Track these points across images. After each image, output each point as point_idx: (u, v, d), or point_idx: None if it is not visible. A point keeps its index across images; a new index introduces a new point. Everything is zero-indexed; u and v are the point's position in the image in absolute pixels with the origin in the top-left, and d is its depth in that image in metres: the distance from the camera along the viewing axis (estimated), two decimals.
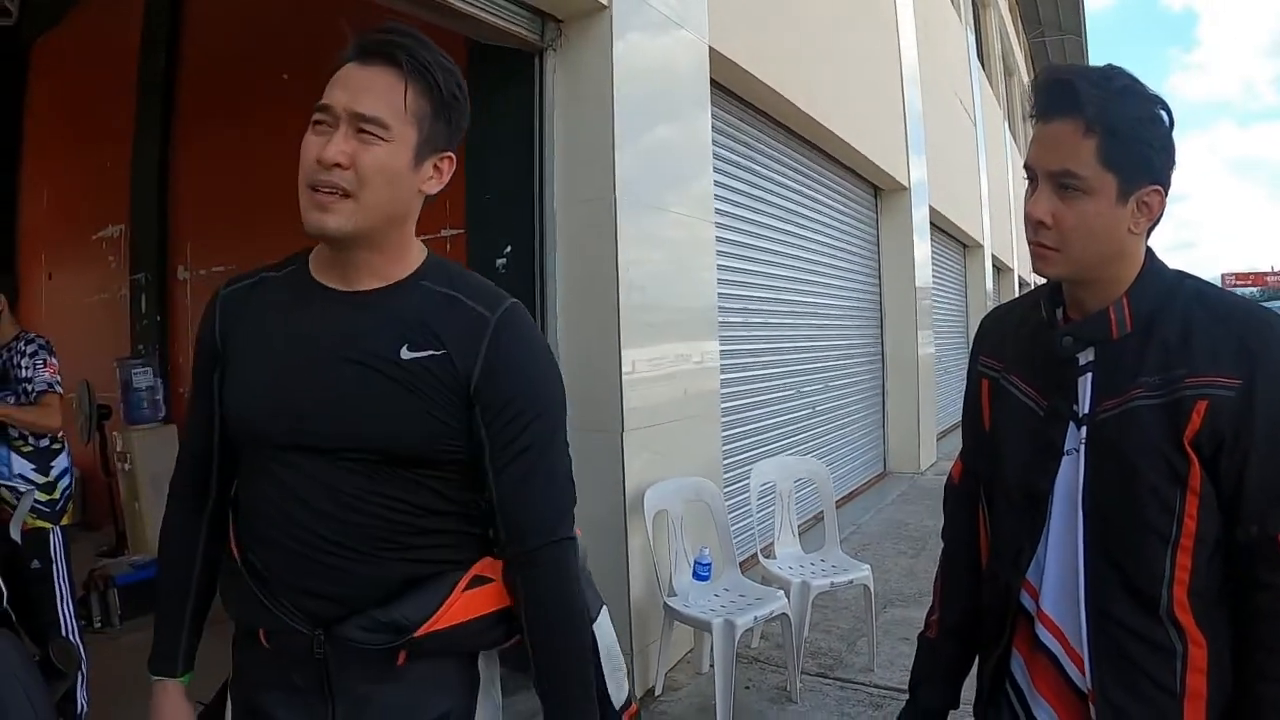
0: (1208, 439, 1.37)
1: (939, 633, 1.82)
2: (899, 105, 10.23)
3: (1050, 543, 1.53)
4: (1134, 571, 1.43)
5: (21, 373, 4.00)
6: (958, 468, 1.86)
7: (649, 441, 4.43)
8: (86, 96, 8.50)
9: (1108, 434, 1.44)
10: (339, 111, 1.37)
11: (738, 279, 6.52)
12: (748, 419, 6.65)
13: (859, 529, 7.70)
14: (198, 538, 1.59)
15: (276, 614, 1.44)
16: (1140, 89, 1.40)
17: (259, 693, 1.52)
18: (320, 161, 1.35)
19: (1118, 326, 1.46)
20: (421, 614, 1.43)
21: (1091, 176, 1.38)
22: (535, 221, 4.37)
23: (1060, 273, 1.48)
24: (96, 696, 3.79)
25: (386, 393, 1.41)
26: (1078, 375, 1.50)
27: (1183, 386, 1.38)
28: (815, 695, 4.29)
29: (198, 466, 1.59)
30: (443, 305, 1.47)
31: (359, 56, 1.40)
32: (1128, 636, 1.44)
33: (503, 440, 1.46)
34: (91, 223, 8.33)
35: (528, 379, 1.50)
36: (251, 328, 1.51)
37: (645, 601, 4.30)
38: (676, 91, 4.95)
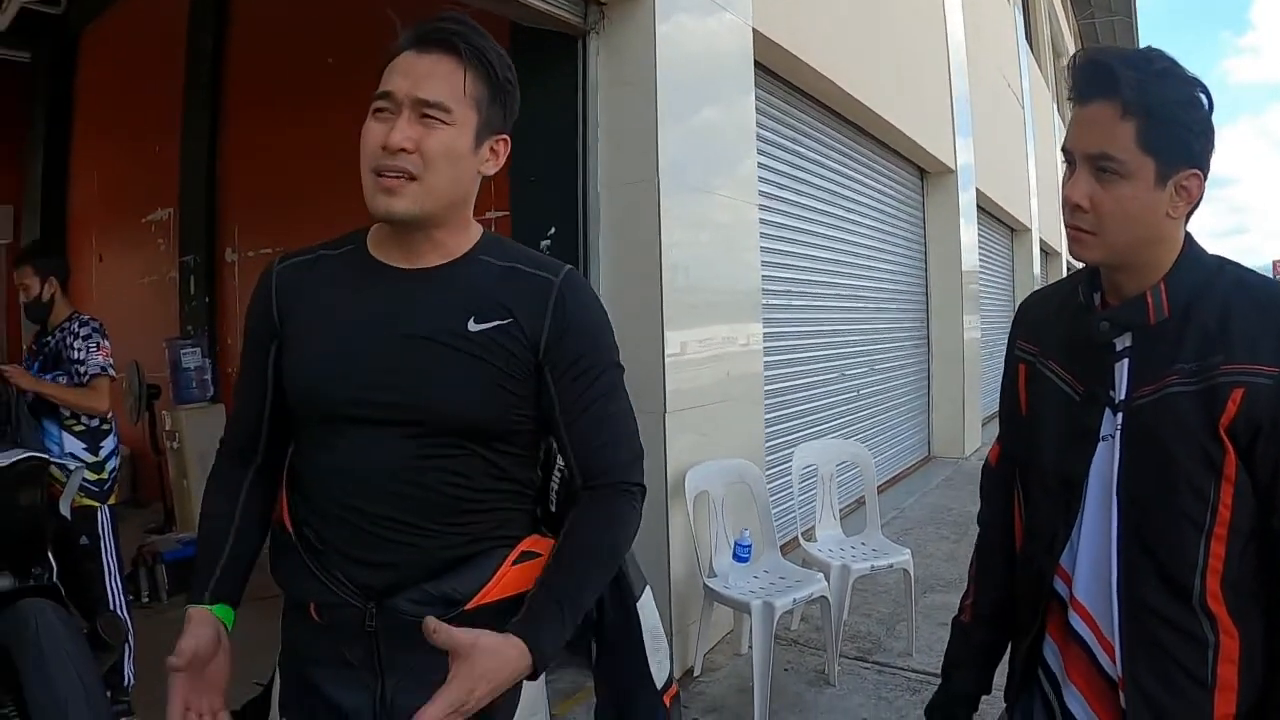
0: (1244, 427, 1.35)
1: (973, 617, 1.82)
2: (945, 87, 10.11)
3: (1084, 529, 1.52)
4: (1167, 559, 1.42)
5: (74, 354, 4.07)
6: (995, 451, 1.86)
7: (691, 423, 4.45)
8: (134, 83, 8.61)
9: (1143, 420, 1.43)
10: (401, 98, 1.40)
11: (782, 261, 6.51)
12: (791, 401, 6.65)
13: (902, 513, 7.66)
14: (240, 488, 1.60)
15: (329, 587, 1.46)
16: (1179, 71, 1.38)
17: (309, 666, 1.53)
18: (386, 147, 1.39)
19: (1155, 312, 1.43)
20: (471, 587, 1.45)
21: (1129, 160, 1.37)
22: (579, 204, 4.39)
23: (1097, 257, 1.46)
24: (143, 669, 3.87)
25: (457, 365, 1.44)
26: (1114, 361, 1.48)
27: (1219, 374, 1.36)
28: (853, 678, 4.29)
29: (246, 433, 1.62)
30: (505, 276, 1.51)
31: (417, 45, 1.43)
32: (1160, 625, 1.43)
33: (573, 394, 1.50)
34: (141, 206, 8.46)
35: (592, 337, 1.54)
36: (313, 304, 1.52)
37: (685, 582, 4.31)
38: (720, 74, 4.94)
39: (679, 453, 4.33)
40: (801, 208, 6.86)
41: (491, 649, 1.31)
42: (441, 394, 1.44)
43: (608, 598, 1.67)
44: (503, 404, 1.47)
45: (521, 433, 1.51)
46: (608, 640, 1.68)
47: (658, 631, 1.74)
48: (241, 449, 1.63)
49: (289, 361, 1.52)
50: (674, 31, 4.40)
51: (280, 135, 6.81)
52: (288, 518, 1.56)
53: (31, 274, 4.23)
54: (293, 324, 1.53)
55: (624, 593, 1.69)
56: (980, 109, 11.36)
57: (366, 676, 1.48)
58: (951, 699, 1.81)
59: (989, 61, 12.94)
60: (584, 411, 1.51)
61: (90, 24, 9.17)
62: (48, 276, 4.24)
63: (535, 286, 1.50)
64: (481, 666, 1.29)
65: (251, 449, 1.62)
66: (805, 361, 6.96)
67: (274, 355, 1.55)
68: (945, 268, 10.29)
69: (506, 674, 1.32)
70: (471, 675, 1.28)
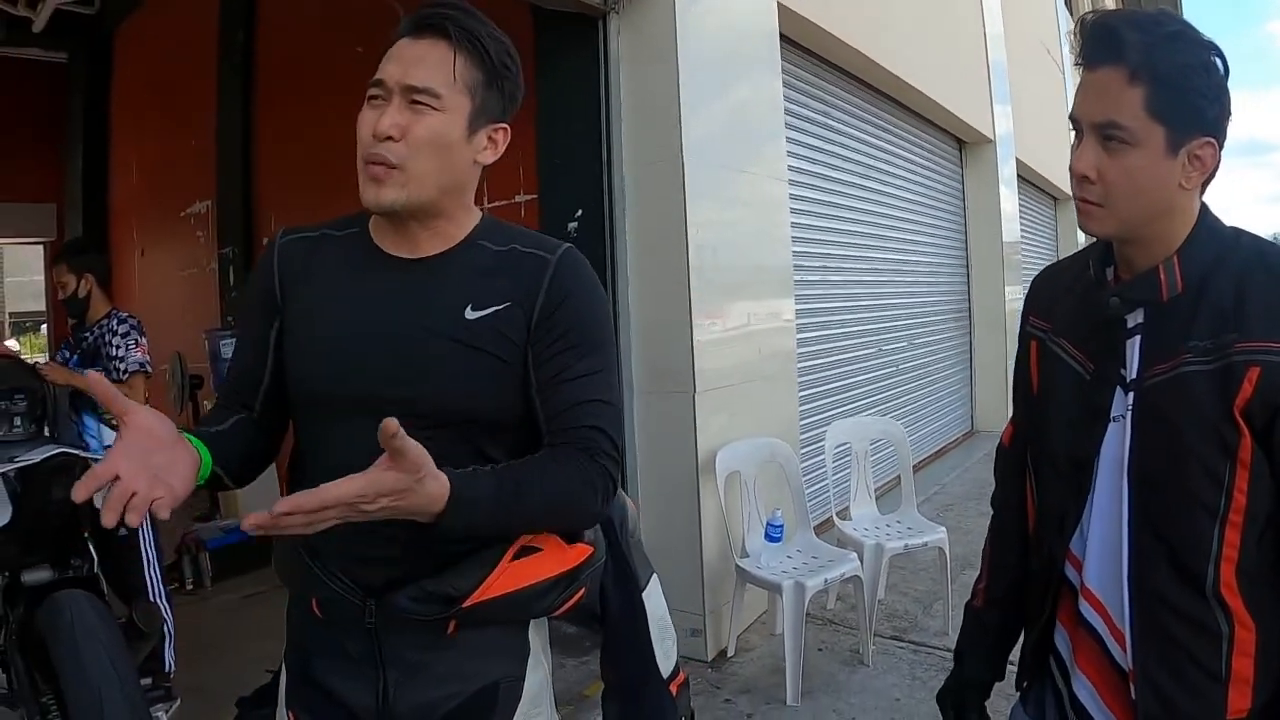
0: (1260, 409, 1.28)
1: (985, 602, 1.77)
2: (982, 56, 9.95)
3: (1094, 513, 1.46)
4: (1179, 546, 1.36)
5: (113, 351, 4.14)
6: (1009, 431, 1.80)
7: (722, 402, 4.43)
8: (170, 77, 8.69)
9: (1155, 401, 1.37)
10: (392, 85, 1.39)
11: (816, 237, 6.47)
12: (826, 378, 6.61)
13: (943, 489, 7.59)
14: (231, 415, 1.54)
15: (328, 583, 1.46)
16: (1191, 34, 1.32)
17: (313, 660, 1.54)
18: (375, 134, 1.38)
19: (1168, 287, 1.37)
20: (470, 583, 1.43)
21: (1137, 128, 1.30)
22: (604, 185, 4.39)
23: (1106, 230, 1.41)
24: (185, 655, 3.92)
25: (457, 356, 1.42)
26: (1126, 338, 1.42)
27: (1234, 352, 1.29)
28: (887, 658, 4.26)
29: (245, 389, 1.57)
30: (502, 259, 1.49)
31: (411, 31, 1.41)
32: (1171, 615, 1.37)
33: (555, 367, 1.45)
34: (180, 200, 8.54)
35: (583, 313, 1.49)
36: (317, 288, 1.50)
37: (718, 563, 4.30)
38: (744, 49, 4.89)
39: (710, 433, 4.31)
40: (835, 182, 6.80)
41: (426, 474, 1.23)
42: (442, 386, 1.42)
43: (610, 587, 1.66)
44: (501, 393, 1.45)
45: (519, 423, 1.49)
46: (613, 629, 1.67)
47: (665, 620, 1.75)
48: (238, 399, 1.58)
49: (292, 352, 1.51)
50: (695, 9, 4.37)
51: (313, 125, 6.82)
52: None
53: (67, 271, 4.33)
54: (295, 307, 1.52)
55: (628, 582, 1.68)
56: (1019, 78, 11.17)
57: (368, 670, 1.48)
58: (963, 685, 1.76)
59: (1027, 29, 12.71)
60: (564, 382, 1.46)
61: (124, 22, 9.26)
62: (83, 273, 4.33)
63: (532, 265, 1.48)
64: (406, 483, 1.21)
65: (248, 403, 1.56)
66: (841, 337, 6.91)
67: (276, 333, 1.53)
68: (986, 238, 10.14)
69: (414, 500, 1.23)
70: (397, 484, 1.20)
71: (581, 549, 1.56)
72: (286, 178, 7.36)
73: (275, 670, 1.69)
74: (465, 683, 1.50)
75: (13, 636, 3.06)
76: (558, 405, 1.45)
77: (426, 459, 1.21)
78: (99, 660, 2.84)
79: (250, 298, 1.59)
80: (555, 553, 1.51)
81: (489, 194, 5.03)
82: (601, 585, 1.64)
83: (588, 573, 1.57)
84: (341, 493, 1.18)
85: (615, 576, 1.66)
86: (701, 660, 4.24)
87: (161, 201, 8.86)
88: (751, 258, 4.80)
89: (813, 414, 6.10)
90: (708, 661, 4.24)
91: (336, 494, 1.17)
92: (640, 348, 4.36)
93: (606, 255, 4.36)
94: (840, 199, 6.89)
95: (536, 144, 4.66)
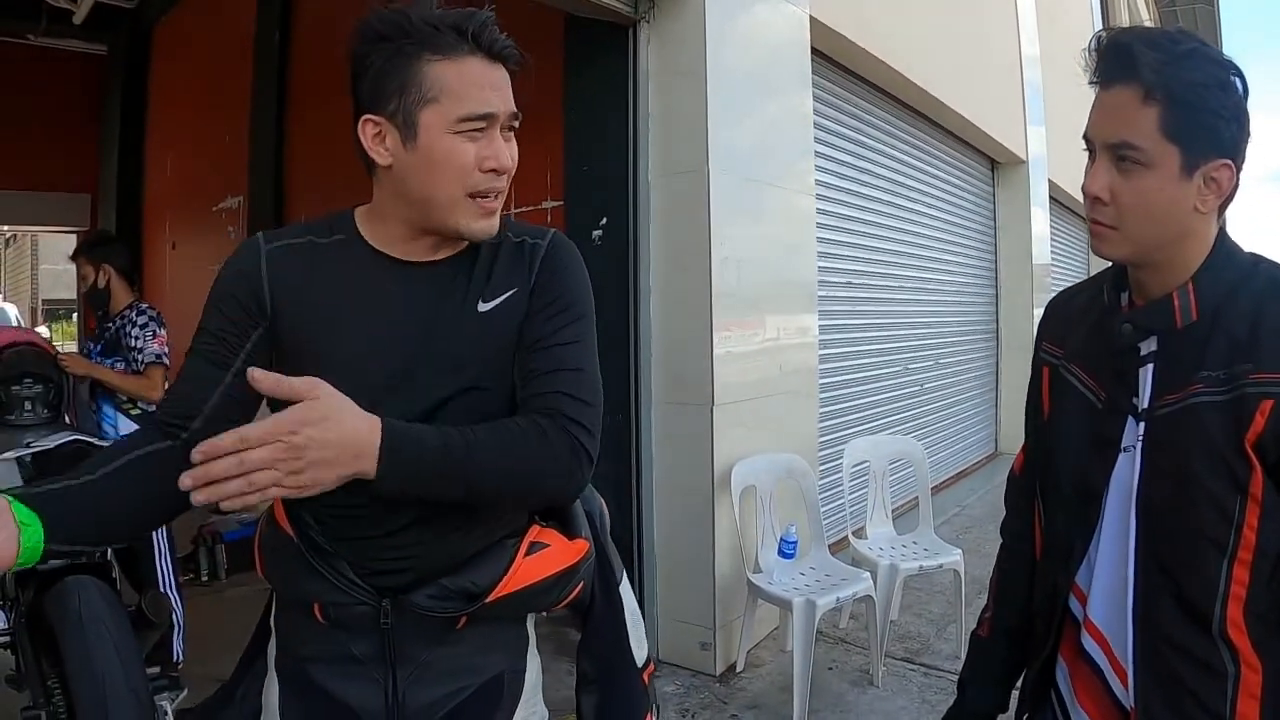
0: (1273, 443, 1.24)
1: (991, 632, 1.74)
2: (1017, 75, 9.89)
3: (1101, 545, 1.43)
4: (1186, 583, 1.32)
5: (132, 341, 4.19)
6: (1020, 460, 1.76)
7: (740, 416, 4.41)
8: (206, 74, 8.80)
9: (1165, 431, 1.33)
10: (500, 116, 1.39)
11: (843, 253, 6.43)
12: (849, 395, 6.56)
13: (964, 510, 7.52)
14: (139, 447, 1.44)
15: (339, 586, 1.44)
16: (1208, 52, 1.28)
17: (310, 666, 1.51)
18: (498, 170, 1.39)
19: (1181, 314, 1.33)
20: (490, 579, 1.44)
21: (1151, 148, 1.27)
22: (630, 194, 4.38)
23: (1119, 253, 1.37)
24: (199, 646, 3.95)
25: (476, 349, 1.43)
26: (1139, 366, 1.38)
27: (1247, 383, 1.25)
28: (898, 680, 4.22)
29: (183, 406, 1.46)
30: (499, 250, 1.50)
31: (486, 56, 1.39)
32: (1176, 653, 1.33)
33: (534, 335, 1.46)
34: (212, 195, 8.63)
35: (566, 286, 1.50)
36: (327, 299, 1.46)
37: (730, 577, 4.28)
38: (775, 62, 4.88)
39: (727, 446, 4.29)
40: (864, 198, 6.76)
41: (335, 403, 1.21)
42: (466, 381, 1.43)
43: (596, 583, 1.68)
44: None
45: None
46: (594, 622, 1.69)
47: (636, 614, 1.80)
48: (168, 423, 1.46)
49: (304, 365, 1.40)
50: (726, 20, 4.36)
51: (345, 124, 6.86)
52: (286, 520, 1.52)
53: (86, 263, 4.40)
54: (302, 318, 1.46)
55: (608, 576, 1.72)
56: (1054, 99, 11.09)
57: (376, 671, 1.47)
58: (965, 715, 1.73)
59: (1063, 50, 12.60)
60: (540, 349, 1.45)
61: (163, 17, 9.38)
62: (101, 265, 4.38)
63: (525, 250, 1.50)
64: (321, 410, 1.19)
65: (179, 426, 1.44)
66: (865, 355, 6.86)
67: (256, 341, 1.46)
68: (1016, 260, 10.05)
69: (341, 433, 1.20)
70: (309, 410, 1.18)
71: (581, 544, 1.58)
72: (317, 177, 7.42)
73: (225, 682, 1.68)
74: (473, 676, 1.51)
75: (22, 620, 3.09)
76: (531, 370, 1.44)
77: (320, 382, 1.20)
78: (104, 647, 2.86)
79: (220, 302, 1.48)
80: (561, 548, 1.54)
81: (515, 199, 5.04)
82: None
83: (585, 567, 1.59)
84: (258, 427, 1.15)
85: (598, 571, 1.69)
86: (710, 674, 4.22)
87: (194, 195, 8.96)
88: (776, 272, 4.78)
89: (834, 430, 6.07)
90: (716, 676, 4.21)
91: (254, 428, 1.15)
92: (660, 358, 4.36)
93: (630, 265, 4.36)
94: (869, 215, 6.85)
95: (564, 151, 4.68)
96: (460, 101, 1.35)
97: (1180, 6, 23.11)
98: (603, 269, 4.29)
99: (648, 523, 4.39)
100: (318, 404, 1.19)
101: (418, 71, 1.35)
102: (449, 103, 1.35)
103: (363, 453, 1.21)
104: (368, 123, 1.41)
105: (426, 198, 1.39)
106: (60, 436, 3.26)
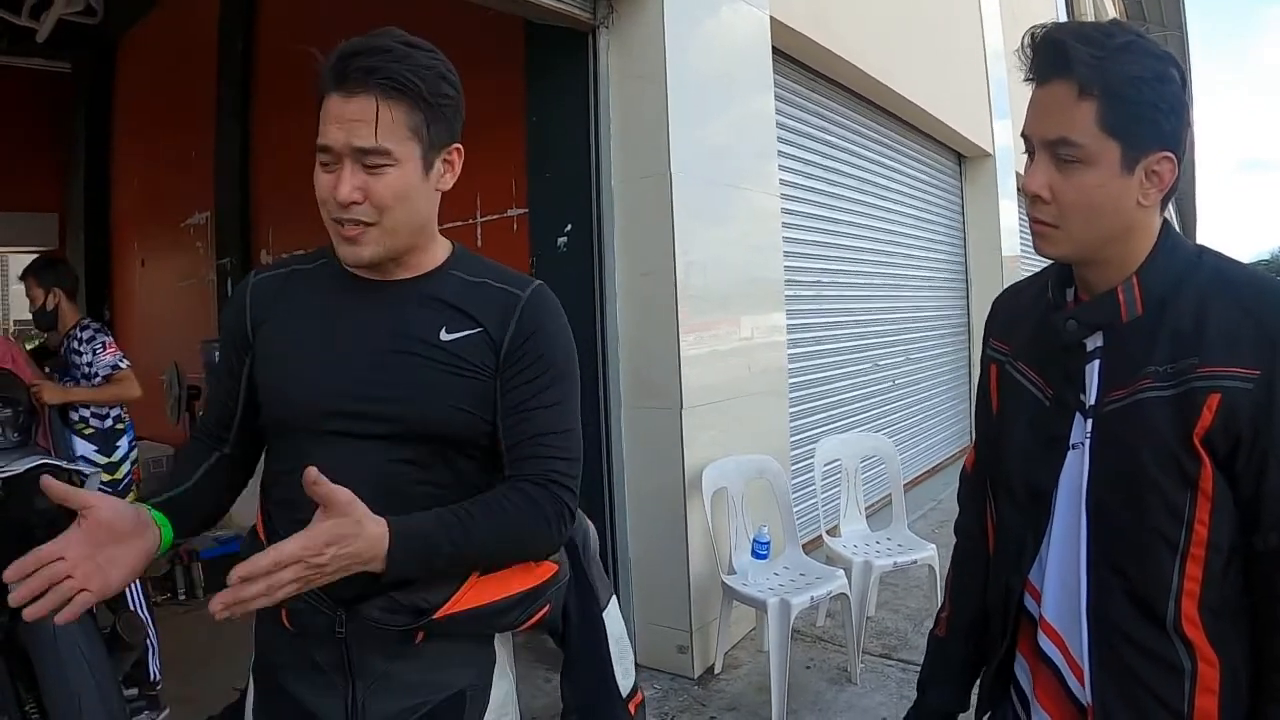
0: (1221, 436, 1.23)
1: (948, 631, 1.73)
2: (981, 69, 9.94)
3: (1053, 544, 1.42)
4: (1138, 580, 1.31)
5: (79, 359, 4.17)
6: (971, 458, 1.76)
7: (710, 419, 4.42)
8: (171, 89, 8.72)
9: (1113, 427, 1.32)
10: (339, 149, 1.39)
11: (811, 252, 6.45)
12: (821, 394, 6.58)
13: (938, 505, 7.54)
14: (201, 464, 1.62)
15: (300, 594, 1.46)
16: (1145, 45, 1.27)
17: (281, 672, 1.55)
18: (339, 201, 1.40)
19: (1127, 309, 1.33)
20: (440, 597, 1.45)
21: (1090, 144, 1.26)
22: (594, 199, 4.39)
23: (1062, 252, 1.37)
24: (177, 665, 3.95)
25: (433, 375, 1.46)
26: (1085, 362, 1.37)
27: (1194, 377, 1.24)
28: (876, 676, 4.23)
29: (219, 421, 1.65)
30: (475, 289, 1.53)
31: (338, 88, 1.39)
32: (1131, 650, 1.32)
33: (520, 396, 1.50)
34: (180, 211, 8.56)
35: (551, 345, 1.54)
36: (289, 318, 1.54)
37: (705, 579, 4.28)
38: (735, 64, 4.89)
39: (697, 449, 4.30)
40: (831, 196, 6.78)
41: (358, 517, 1.30)
42: (420, 404, 1.46)
43: (572, 605, 1.69)
44: (473, 411, 1.49)
45: (488, 441, 1.52)
46: (575, 649, 1.70)
47: (623, 640, 1.79)
48: (214, 433, 1.65)
49: (268, 377, 1.55)
50: (685, 23, 4.37)
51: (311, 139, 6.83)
52: (262, 529, 1.58)
53: (35, 285, 4.43)
54: (267, 338, 1.55)
55: (588, 600, 1.72)
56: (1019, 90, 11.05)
57: (338, 681, 1.50)
58: (926, 716, 1.72)
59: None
60: (526, 412, 1.50)
61: (127, 33, 9.31)
62: (51, 288, 4.42)
63: (503, 300, 1.53)
64: (347, 529, 1.28)
65: (223, 436, 1.64)
66: (836, 353, 6.88)
67: (248, 367, 1.58)
68: (986, 253, 10.10)
69: (360, 547, 1.30)
70: (337, 531, 1.27)
71: (547, 566, 1.59)
72: (284, 191, 7.36)
73: (243, 689, 1.71)
74: (433, 692, 1.52)
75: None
76: (519, 435, 1.50)
77: (356, 500, 1.28)
78: (80, 669, 2.87)
79: (223, 335, 1.64)
80: (521, 570, 1.54)
81: (481, 208, 5.04)
82: (565, 605, 1.68)
83: (552, 590, 1.60)
84: (290, 549, 1.24)
85: (578, 596, 1.70)
86: (688, 677, 4.22)
87: (162, 212, 8.89)
88: (742, 273, 4.79)
89: (806, 429, 6.08)
90: (694, 678, 4.22)
91: (287, 550, 1.24)
92: (628, 362, 4.36)
93: (595, 270, 4.37)
94: (836, 214, 6.87)
95: (527, 158, 4.68)
96: (319, 134, 1.41)
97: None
98: (568, 275, 4.30)
99: (621, 528, 4.39)
100: (346, 523, 1.29)
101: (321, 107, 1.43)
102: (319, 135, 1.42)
103: (373, 558, 1.32)
104: None
105: None
106: (29, 461, 3.25)
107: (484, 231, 5.04)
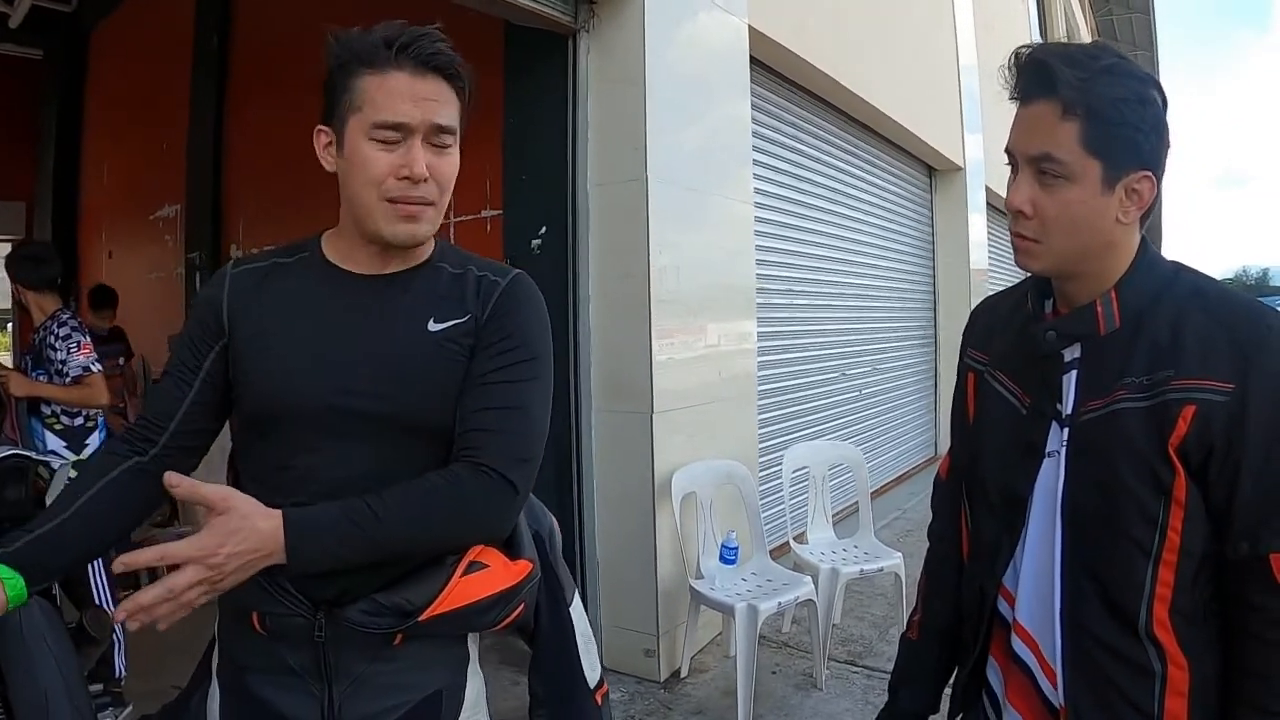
0: (1195, 447, 1.27)
1: (920, 634, 1.76)
2: (954, 83, 10.05)
3: (1027, 549, 1.45)
4: (1112, 585, 1.34)
5: (54, 354, 4.06)
6: (945, 464, 1.80)
7: (680, 424, 4.43)
8: (144, 80, 8.65)
9: (1089, 437, 1.36)
10: (417, 126, 1.40)
11: (782, 260, 6.49)
12: (789, 401, 6.62)
13: (904, 514, 7.59)
14: (103, 476, 1.51)
15: (276, 597, 1.44)
16: (1127, 67, 1.31)
17: (250, 676, 1.52)
18: (411, 178, 1.41)
19: (1105, 322, 1.36)
20: (424, 598, 1.43)
21: (1072, 162, 1.30)
22: (569, 202, 4.40)
23: (1043, 266, 1.40)
24: (139, 661, 3.91)
25: (422, 367, 1.46)
26: (1063, 373, 1.41)
27: (1169, 389, 1.28)
28: (841, 682, 4.26)
29: (149, 426, 1.55)
30: (459, 279, 1.54)
31: (414, 67, 1.41)
32: (1104, 653, 1.36)
33: (478, 369, 1.48)
34: (149, 203, 8.49)
35: (517, 324, 1.52)
36: (277, 311, 1.51)
37: (673, 584, 4.30)
38: (713, 72, 4.91)
39: (667, 454, 4.31)
40: (803, 205, 6.83)
41: (244, 511, 1.28)
42: (411, 396, 1.45)
43: (543, 602, 1.69)
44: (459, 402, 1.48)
45: None
46: (543, 643, 1.70)
47: (588, 634, 1.79)
48: (133, 441, 1.55)
49: (254, 371, 1.50)
50: (665, 29, 4.39)
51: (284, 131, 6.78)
52: None
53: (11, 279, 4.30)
54: (248, 331, 1.51)
55: (557, 596, 1.72)
56: (992, 105, 11.26)
57: (313, 684, 1.47)
58: (897, 717, 1.75)
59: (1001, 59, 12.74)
60: (480, 385, 1.47)
61: (101, 22, 9.23)
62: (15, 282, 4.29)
63: (485, 285, 1.54)
64: (234, 524, 1.27)
65: (145, 444, 1.54)
66: (805, 361, 6.93)
67: (211, 360, 1.53)
68: (954, 265, 10.21)
69: (254, 541, 1.28)
70: (224, 529, 1.26)
71: (524, 565, 1.56)
72: (255, 183, 7.34)
73: (183, 688, 1.69)
74: (410, 693, 1.51)
75: None
76: (466, 407, 1.47)
77: (233, 495, 1.29)
78: (46, 664, 2.82)
79: (191, 324, 1.57)
80: (501, 569, 1.52)
81: (455, 208, 5.02)
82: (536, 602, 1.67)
83: (528, 588, 1.58)
84: (179, 549, 1.24)
85: (547, 592, 1.69)
86: (654, 681, 4.23)
87: (131, 204, 8.82)
88: (715, 280, 4.81)
89: (774, 436, 6.12)
90: (660, 682, 4.23)
91: (174, 550, 1.23)
92: (600, 366, 4.37)
93: (569, 272, 4.37)
94: (808, 223, 6.92)
95: (503, 159, 4.68)
96: (377, 110, 1.40)
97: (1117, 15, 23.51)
98: (542, 277, 4.19)
99: (589, 531, 4.40)
100: (231, 518, 1.27)
101: (353, 83, 1.42)
102: (369, 111, 1.40)
103: (272, 551, 1.30)
104: (320, 133, 1.49)
105: (353, 199, 1.46)
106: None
107: (457, 231, 5.02)
